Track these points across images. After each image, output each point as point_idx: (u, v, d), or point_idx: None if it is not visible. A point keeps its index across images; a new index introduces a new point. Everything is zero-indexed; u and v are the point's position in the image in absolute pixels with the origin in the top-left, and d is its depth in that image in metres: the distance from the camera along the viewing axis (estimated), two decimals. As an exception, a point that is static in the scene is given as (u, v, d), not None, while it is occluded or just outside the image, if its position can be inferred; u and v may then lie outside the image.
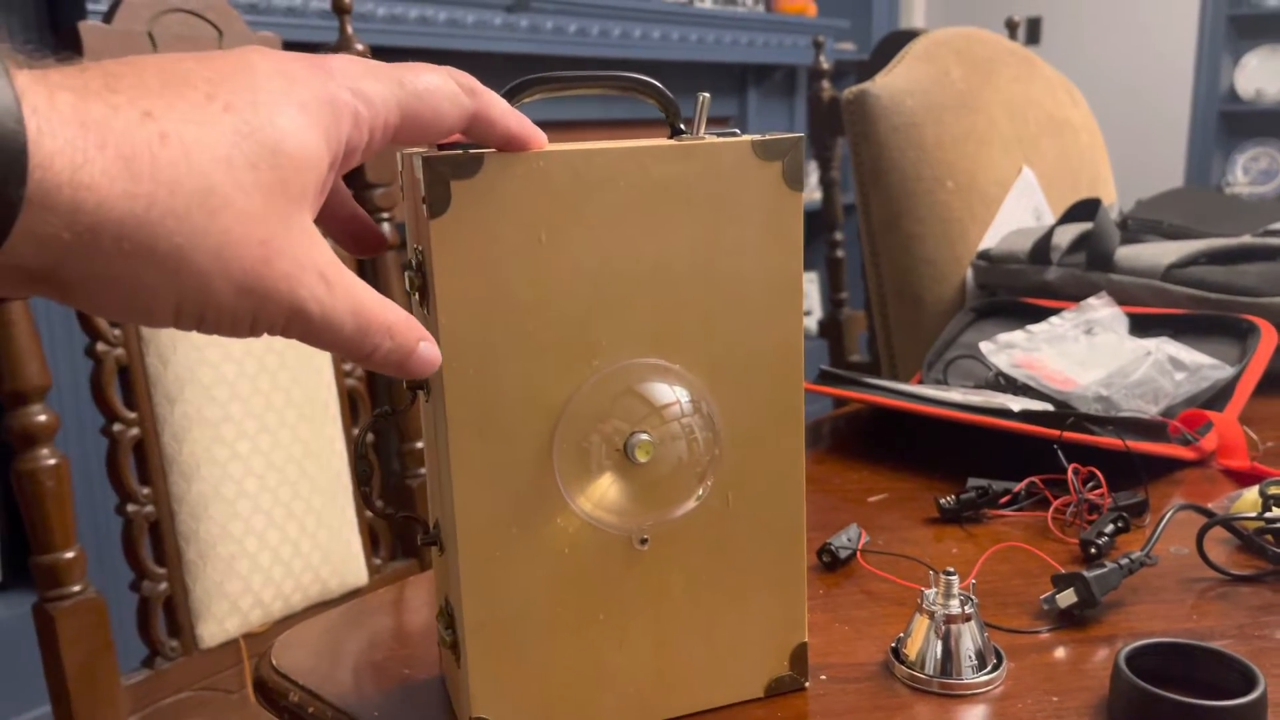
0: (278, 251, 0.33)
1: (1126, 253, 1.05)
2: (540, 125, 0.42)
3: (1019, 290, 1.10)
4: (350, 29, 1.14)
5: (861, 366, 1.84)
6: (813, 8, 3.64)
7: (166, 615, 1.02)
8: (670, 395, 0.46)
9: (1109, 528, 0.65)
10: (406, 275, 0.45)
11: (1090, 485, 0.71)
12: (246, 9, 1.87)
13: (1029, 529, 0.70)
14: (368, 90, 0.36)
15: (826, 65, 1.80)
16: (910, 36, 1.31)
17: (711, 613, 0.49)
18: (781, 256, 0.47)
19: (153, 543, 1.01)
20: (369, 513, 1.18)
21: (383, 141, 0.38)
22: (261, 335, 0.35)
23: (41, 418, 0.89)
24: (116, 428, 0.98)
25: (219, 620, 1.03)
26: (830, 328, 1.91)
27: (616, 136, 0.47)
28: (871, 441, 0.91)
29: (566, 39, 2.62)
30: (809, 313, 3.75)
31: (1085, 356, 0.91)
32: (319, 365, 1.12)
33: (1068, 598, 0.56)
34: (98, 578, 0.94)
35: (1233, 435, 0.81)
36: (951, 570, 0.52)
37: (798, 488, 0.50)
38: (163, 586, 1.01)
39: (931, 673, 0.51)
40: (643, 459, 0.44)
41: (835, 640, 0.56)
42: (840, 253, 1.89)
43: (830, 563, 0.65)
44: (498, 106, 0.40)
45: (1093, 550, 0.64)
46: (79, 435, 1.66)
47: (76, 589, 0.90)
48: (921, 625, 0.52)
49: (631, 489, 0.45)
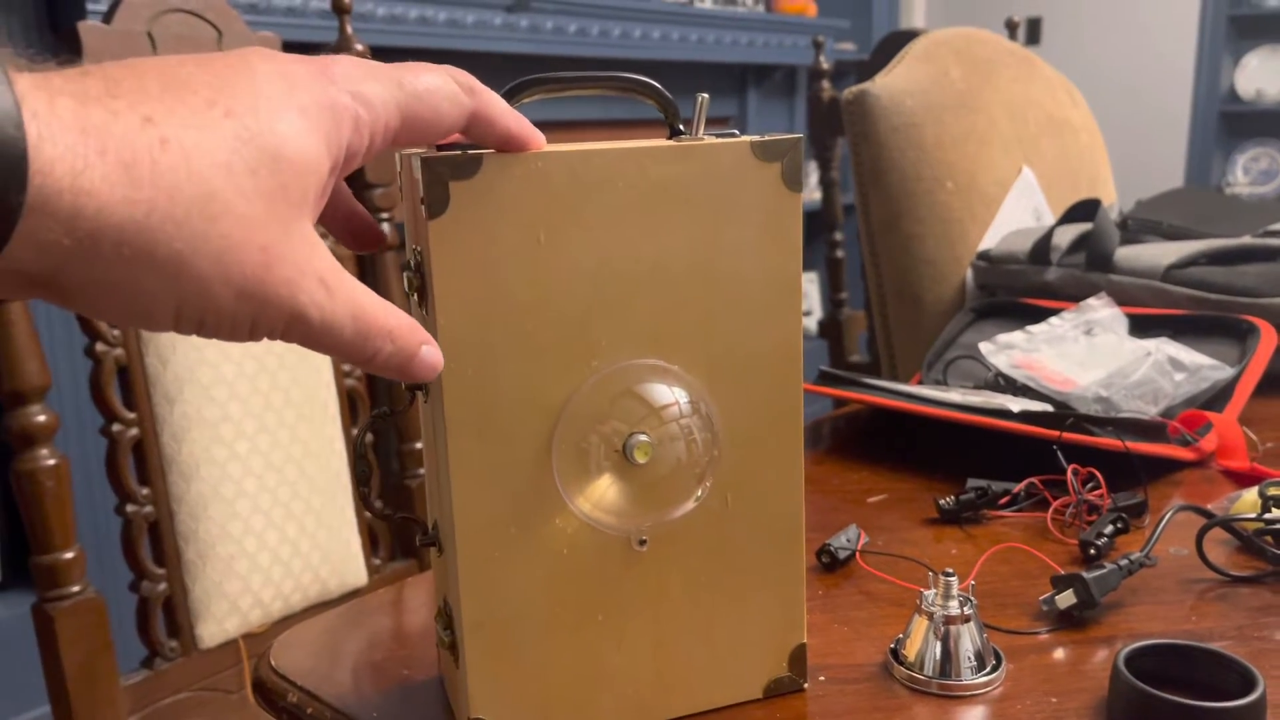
0: (278, 257, 0.33)
1: (1126, 253, 1.04)
2: (539, 125, 0.42)
3: (1019, 291, 1.10)
4: (350, 29, 1.14)
5: (861, 367, 1.84)
6: (813, 8, 3.64)
7: (166, 615, 1.02)
8: (669, 396, 0.46)
9: (1108, 529, 0.65)
10: (405, 276, 0.45)
11: (1090, 486, 0.71)
12: (246, 9, 1.87)
13: (1028, 530, 0.70)
14: (368, 94, 0.36)
15: (826, 65, 1.80)
16: (910, 37, 1.31)
17: (710, 613, 0.49)
18: (780, 257, 0.47)
19: (152, 543, 1.01)
20: (368, 513, 1.18)
21: (383, 144, 0.38)
22: (261, 340, 0.35)
23: (41, 418, 0.89)
24: (116, 428, 0.98)
25: (218, 620, 1.03)
26: (830, 328, 1.91)
27: (616, 137, 0.47)
28: (871, 442, 0.91)
29: (566, 39, 2.62)
30: (809, 313, 3.75)
31: (1085, 357, 0.91)
32: (318, 365, 1.12)
33: (1067, 599, 0.56)
34: (97, 578, 0.93)
35: (1232, 436, 0.81)
36: (951, 571, 0.52)
37: (797, 488, 0.50)
38: (162, 587, 1.01)
39: (930, 674, 0.51)
40: (642, 460, 0.44)
41: (834, 641, 0.56)
42: (840, 253, 1.89)
43: (829, 563, 0.65)
44: (497, 106, 0.41)
45: (1092, 551, 0.64)
46: (78, 435, 1.66)
47: (76, 589, 0.90)
48: (920, 626, 0.52)
49: (630, 490, 0.45)
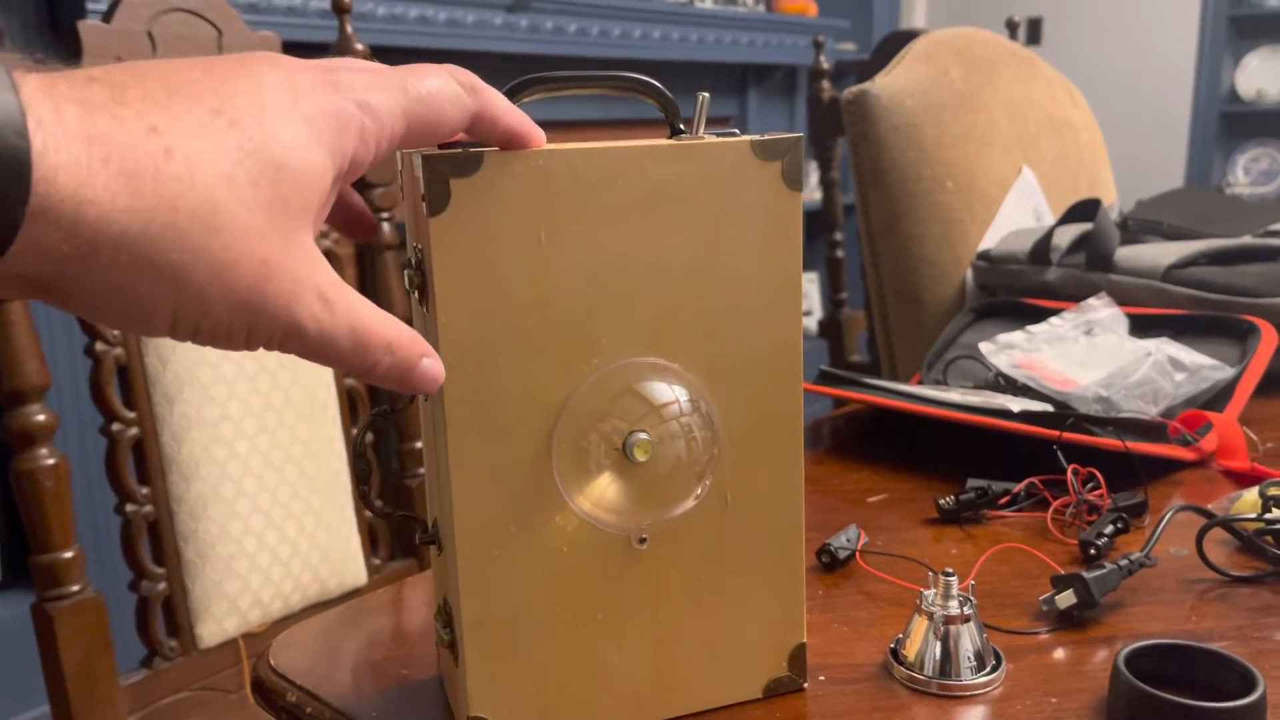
0: (277, 269, 0.33)
1: (1126, 253, 1.04)
2: (540, 125, 0.42)
3: (1019, 291, 1.10)
4: (350, 29, 1.14)
5: (861, 367, 1.84)
6: (813, 8, 3.64)
7: (165, 615, 1.02)
8: (669, 394, 0.46)
9: (1108, 529, 0.65)
10: (406, 274, 0.45)
11: (1090, 486, 0.71)
12: (246, 9, 1.87)
13: (1028, 530, 0.70)
14: (374, 102, 0.36)
15: (827, 65, 1.80)
16: (910, 37, 1.31)
17: (710, 613, 0.49)
18: (781, 256, 0.47)
19: (151, 542, 1.01)
20: (368, 512, 1.18)
21: (389, 151, 0.38)
22: (258, 349, 0.35)
23: (40, 417, 0.89)
24: (115, 427, 0.98)
25: (218, 620, 1.03)
26: (830, 328, 1.91)
27: (616, 137, 0.47)
28: (871, 442, 0.91)
29: (566, 39, 2.62)
30: (809, 313, 3.75)
31: (1085, 357, 0.91)
32: (318, 366, 1.12)
33: (1067, 599, 0.56)
34: (96, 577, 0.93)
35: (1233, 436, 0.81)
36: (950, 571, 0.52)
37: (797, 488, 0.50)
38: (161, 586, 1.01)
39: (930, 674, 0.51)
40: (641, 458, 0.44)
41: (834, 641, 0.56)
42: (840, 253, 1.89)
43: (829, 563, 0.65)
44: (499, 104, 0.40)
45: (1092, 551, 0.64)
46: (78, 435, 1.66)
47: (75, 589, 0.90)
48: (920, 626, 0.52)
49: (630, 488, 0.45)
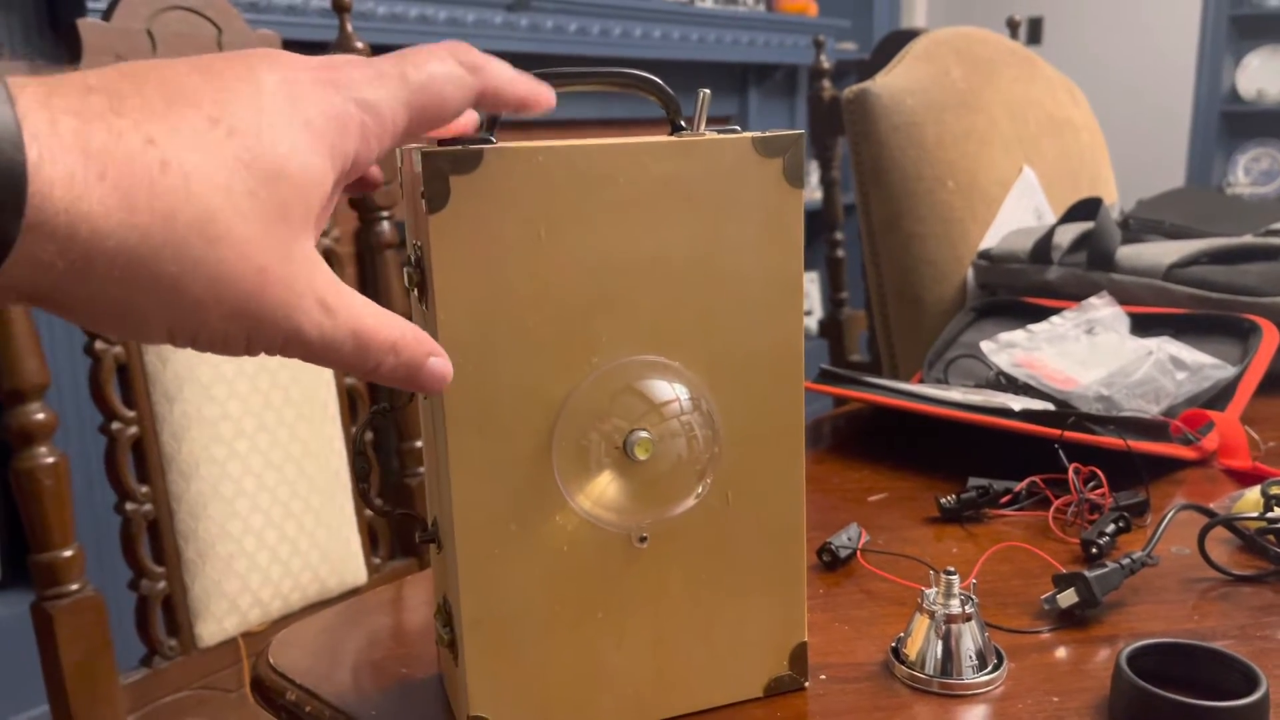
0: (276, 278, 0.33)
1: (1128, 252, 1.04)
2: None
3: (1020, 290, 1.10)
4: (350, 27, 1.14)
5: (862, 366, 1.84)
6: (814, 7, 3.64)
7: (165, 614, 1.02)
8: (670, 393, 0.45)
9: (1110, 527, 0.65)
10: (405, 271, 0.45)
11: (1091, 485, 0.71)
12: (246, 7, 1.86)
13: (1030, 529, 0.70)
14: (375, 100, 0.36)
15: (827, 65, 1.80)
16: (911, 36, 1.30)
17: (711, 612, 0.49)
18: (782, 255, 0.47)
19: (151, 541, 1.00)
20: (368, 511, 1.18)
21: (392, 145, 0.37)
22: (259, 355, 0.35)
23: (40, 416, 0.89)
24: (115, 426, 0.98)
25: (217, 619, 1.03)
26: (830, 328, 1.91)
27: (616, 136, 0.47)
28: (871, 441, 0.91)
29: (567, 38, 2.61)
30: (809, 312, 3.75)
31: (1086, 356, 0.91)
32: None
33: (1069, 598, 0.56)
34: (96, 576, 0.93)
35: (1234, 435, 0.81)
36: (952, 570, 0.52)
37: (797, 486, 0.49)
38: (161, 585, 1.01)
39: (931, 673, 0.51)
40: (642, 456, 0.44)
41: (835, 640, 0.56)
42: (840, 253, 1.89)
43: (830, 562, 0.64)
44: (503, 78, 0.39)
45: (1094, 550, 0.64)
46: (78, 433, 1.66)
47: (75, 587, 0.90)
48: (922, 625, 0.52)
49: (631, 487, 0.45)
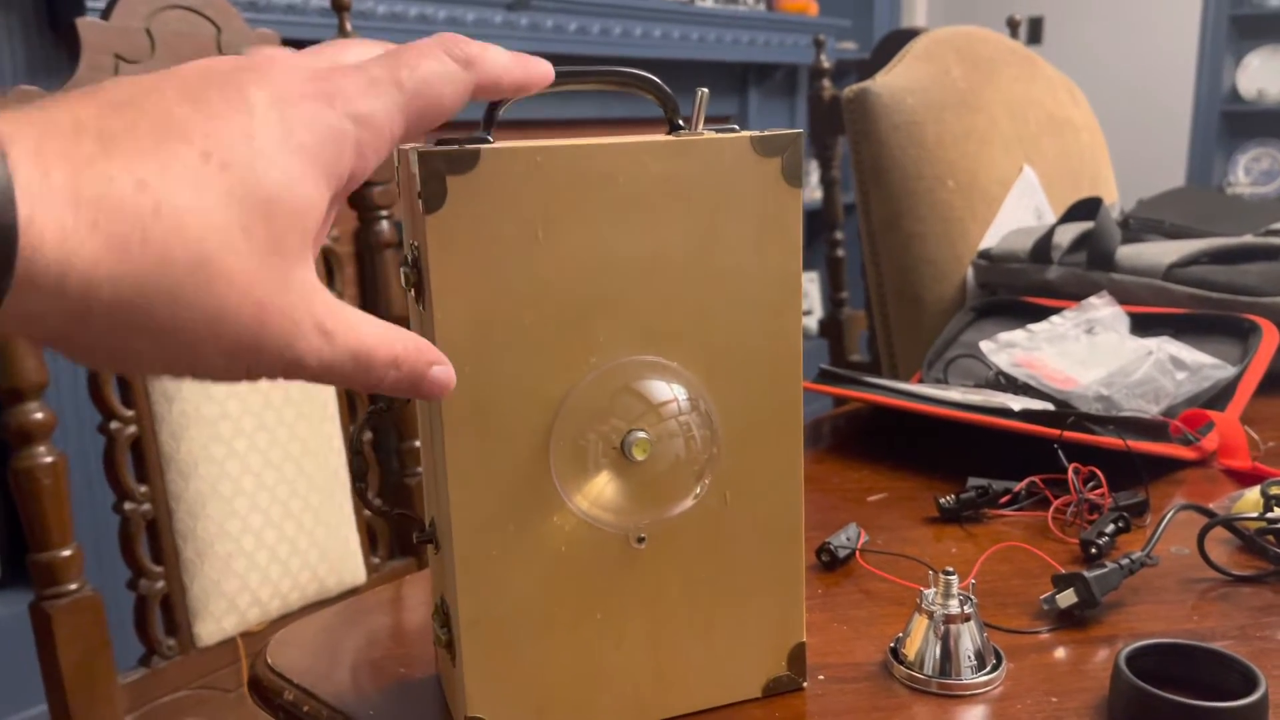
0: (273, 311, 0.33)
1: (1128, 252, 1.04)
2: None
3: (1020, 289, 1.10)
4: (349, 26, 1.13)
5: (861, 366, 1.84)
6: (814, 7, 3.64)
7: (164, 613, 1.01)
8: (668, 393, 0.45)
9: (1109, 528, 0.65)
10: (403, 272, 0.45)
11: (1091, 485, 0.71)
12: (245, 6, 1.86)
13: (1029, 529, 0.70)
14: (370, 113, 0.35)
15: (827, 64, 1.80)
16: (911, 35, 1.30)
17: (709, 612, 0.49)
18: (781, 254, 0.47)
19: (150, 541, 1.00)
20: (367, 511, 1.17)
21: (388, 152, 0.37)
22: (260, 381, 0.35)
23: (39, 415, 0.89)
24: (114, 425, 0.98)
25: (216, 619, 1.03)
26: (830, 327, 1.90)
27: (615, 135, 0.47)
28: (871, 441, 0.91)
29: (566, 37, 2.61)
30: (809, 312, 3.75)
31: (1086, 356, 0.91)
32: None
33: (1068, 598, 0.56)
34: (95, 576, 0.93)
35: (1234, 435, 0.81)
36: (951, 570, 0.52)
37: (796, 486, 0.49)
38: (160, 585, 1.00)
39: (930, 673, 0.51)
40: (640, 457, 0.44)
41: (834, 640, 0.56)
42: (840, 252, 1.89)
43: (829, 562, 0.64)
44: (498, 68, 0.39)
45: (1093, 550, 0.64)
46: (77, 433, 1.66)
47: (73, 587, 0.90)
48: (920, 625, 0.51)
49: (628, 487, 0.45)
